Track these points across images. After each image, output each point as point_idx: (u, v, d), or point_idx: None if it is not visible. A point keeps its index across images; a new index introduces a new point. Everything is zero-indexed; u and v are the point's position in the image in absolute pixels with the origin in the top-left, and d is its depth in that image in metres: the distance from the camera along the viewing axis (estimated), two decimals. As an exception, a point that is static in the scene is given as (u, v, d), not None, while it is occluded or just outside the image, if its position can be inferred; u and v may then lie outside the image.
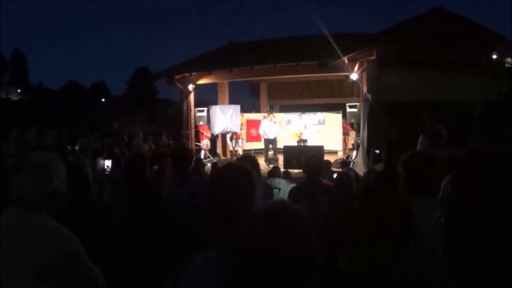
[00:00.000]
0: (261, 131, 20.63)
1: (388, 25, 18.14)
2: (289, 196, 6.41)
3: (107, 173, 9.96)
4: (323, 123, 24.30)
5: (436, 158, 3.60)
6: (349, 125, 22.75)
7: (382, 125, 14.68)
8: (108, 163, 10.63)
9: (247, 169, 2.54)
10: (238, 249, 1.67)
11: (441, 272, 2.26)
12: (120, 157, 11.46)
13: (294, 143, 20.12)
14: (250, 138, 23.89)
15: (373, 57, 16.48)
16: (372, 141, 15.10)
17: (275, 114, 22.97)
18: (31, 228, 2.80)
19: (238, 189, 2.36)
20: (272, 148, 19.91)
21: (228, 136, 22.62)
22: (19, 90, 66.69)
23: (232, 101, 23.83)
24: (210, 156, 21.28)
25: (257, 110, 28.18)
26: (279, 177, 10.38)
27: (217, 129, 20.95)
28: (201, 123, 21.43)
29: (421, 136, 11.09)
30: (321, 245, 1.73)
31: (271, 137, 19.94)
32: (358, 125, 18.36)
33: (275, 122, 20.45)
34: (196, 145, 22.07)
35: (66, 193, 3.09)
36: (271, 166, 15.61)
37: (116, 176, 7.81)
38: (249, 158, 5.82)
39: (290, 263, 1.60)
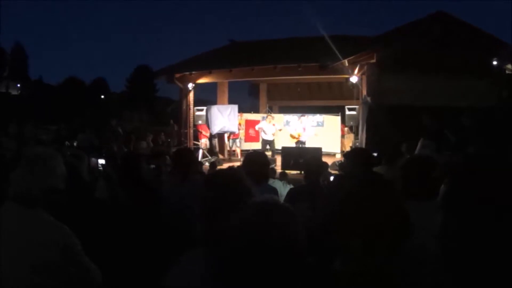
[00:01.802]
0: (257, 127, 20.80)
1: (389, 28, 18.15)
2: (286, 197, 6.38)
3: (100, 169, 9.96)
4: (322, 125, 24.28)
5: (435, 163, 3.60)
6: (349, 128, 22.76)
7: (381, 128, 14.70)
8: (101, 161, 10.62)
9: (238, 177, 2.56)
10: (228, 243, 1.68)
11: (438, 275, 2.26)
12: (117, 154, 11.46)
13: (292, 144, 20.12)
14: (249, 138, 23.88)
15: (373, 60, 16.49)
16: (370, 143, 15.12)
17: (274, 115, 22.98)
18: (29, 224, 2.80)
19: (229, 199, 2.37)
20: (270, 149, 19.92)
21: (226, 136, 22.61)
22: (18, 85, 66.61)
23: (231, 101, 23.83)
24: (208, 155, 21.26)
25: (256, 110, 28.21)
26: (273, 178, 10.38)
27: (215, 129, 20.93)
28: (200, 122, 21.38)
29: (421, 139, 11.13)
30: (319, 246, 1.74)
31: (270, 138, 20.01)
32: (357, 127, 18.36)
33: (273, 124, 20.48)
34: (195, 144, 22.04)
35: (64, 189, 3.08)
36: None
37: (111, 173, 7.81)
38: (259, 156, 5.69)
39: (279, 258, 1.61)
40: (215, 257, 1.82)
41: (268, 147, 20.02)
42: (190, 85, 21.89)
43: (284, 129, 22.92)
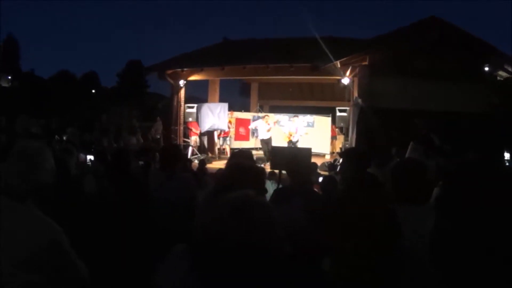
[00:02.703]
0: (252, 126, 20.72)
1: (383, 32, 18.22)
2: (272, 196, 6.36)
3: (89, 164, 9.93)
4: (312, 125, 24.25)
5: (425, 167, 3.61)
6: (339, 129, 22.78)
7: (371, 130, 14.74)
8: (90, 156, 10.59)
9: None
10: (205, 238, 1.67)
11: (427, 278, 2.26)
12: (107, 150, 11.43)
13: (284, 143, 20.09)
14: (239, 136, 23.88)
15: (366, 63, 16.53)
16: (360, 145, 15.15)
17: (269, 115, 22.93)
18: (17, 218, 2.77)
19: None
20: (268, 149, 19.90)
21: (216, 134, 22.59)
22: (9, 77, 66.29)
23: (222, 99, 23.82)
24: (197, 153, 21.22)
25: (247, 109, 28.19)
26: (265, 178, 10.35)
27: (205, 127, 20.89)
28: (190, 119, 21.31)
29: (411, 143, 11.19)
30: (299, 248, 1.73)
31: (267, 136, 19.94)
32: (347, 129, 18.39)
33: (268, 123, 20.46)
34: (185, 141, 21.99)
35: (53, 184, 3.06)
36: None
37: (100, 169, 7.79)
38: (245, 155, 5.71)
39: (256, 252, 1.61)
40: (195, 254, 1.82)
41: (267, 147, 19.95)
42: (182, 82, 21.81)
43: (274, 129, 22.92)
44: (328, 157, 22.54)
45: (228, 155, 21.65)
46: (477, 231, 1.75)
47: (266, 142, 20.05)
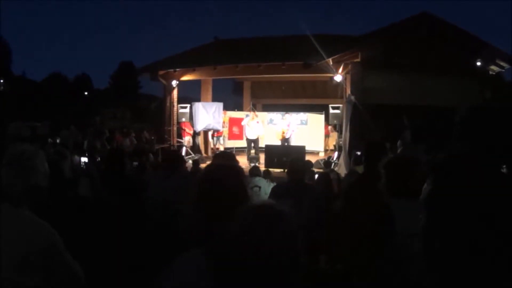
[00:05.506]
0: (244, 122, 20.68)
1: (374, 28, 18.23)
2: (270, 194, 6.38)
3: (82, 166, 9.92)
4: (306, 123, 24.31)
5: (417, 162, 3.62)
6: (332, 126, 22.79)
7: (365, 127, 14.76)
8: (84, 159, 10.58)
9: (240, 170, 2.54)
10: (226, 246, 1.66)
11: (421, 271, 2.26)
12: (101, 152, 11.42)
13: (277, 142, 20.09)
14: (232, 136, 23.89)
15: (358, 59, 16.55)
16: (354, 142, 15.18)
17: (257, 113, 22.87)
18: (11, 222, 2.76)
19: (230, 191, 2.34)
20: (254, 147, 19.89)
21: (210, 134, 22.57)
22: (1, 80, 65.97)
23: (215, 99, 23.82)
24: (191, 153, 21.19)
25: (240, 108, 28.18)
26: (259, 176, 10.38)
27: (199, 126, 20.86)
28: (183, 119, 21.28)
29: (399, 141, 11.32)
30: (302, 245, 1.72)
31: (253, 137, 19.92)
32: (341, 126, 18.41)
33: (257, 122, 20.43)
34: (178, 142, 21.97)
35: (47, 187, 3.05)
36: (252, 165, 15.61)
37: (93, 171, 7.78)
38: (226, 155, 5.75)
39: (277, 261, 1.60)
40: (213, 257, 1.80)
41: (252, 145, 19.96)
42: (174, 82, 21.77)
43: (267, 127, 22.90)
44: (322, 155, 22.59)
45: (222, 155, 21.47)
46: (465, 225, 1.76)
47: (252, 141, 20.04)
